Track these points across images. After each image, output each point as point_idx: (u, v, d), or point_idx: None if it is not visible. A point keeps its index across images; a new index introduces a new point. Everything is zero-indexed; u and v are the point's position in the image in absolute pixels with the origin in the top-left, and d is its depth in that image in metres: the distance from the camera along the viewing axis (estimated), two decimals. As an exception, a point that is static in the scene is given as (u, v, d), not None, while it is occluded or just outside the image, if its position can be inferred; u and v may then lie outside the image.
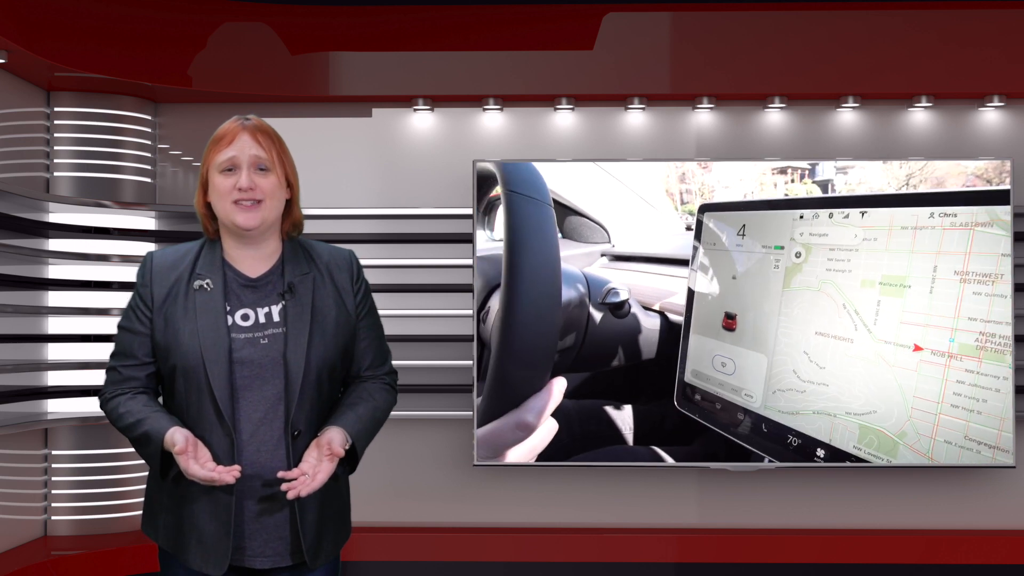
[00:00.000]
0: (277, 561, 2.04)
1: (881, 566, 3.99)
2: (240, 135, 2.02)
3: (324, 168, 4.15)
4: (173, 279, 2.05)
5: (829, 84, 4.02)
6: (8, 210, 3.65)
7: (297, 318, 2.04)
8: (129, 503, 4.06)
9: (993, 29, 3.99)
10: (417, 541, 4.02)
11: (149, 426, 1.98)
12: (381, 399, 2.16)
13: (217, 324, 2.00)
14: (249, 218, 2.01)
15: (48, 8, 3.64)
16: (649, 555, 4.00)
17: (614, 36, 4.03)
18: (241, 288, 2.06)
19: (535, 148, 4.14)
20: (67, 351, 3.97)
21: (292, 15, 4.05)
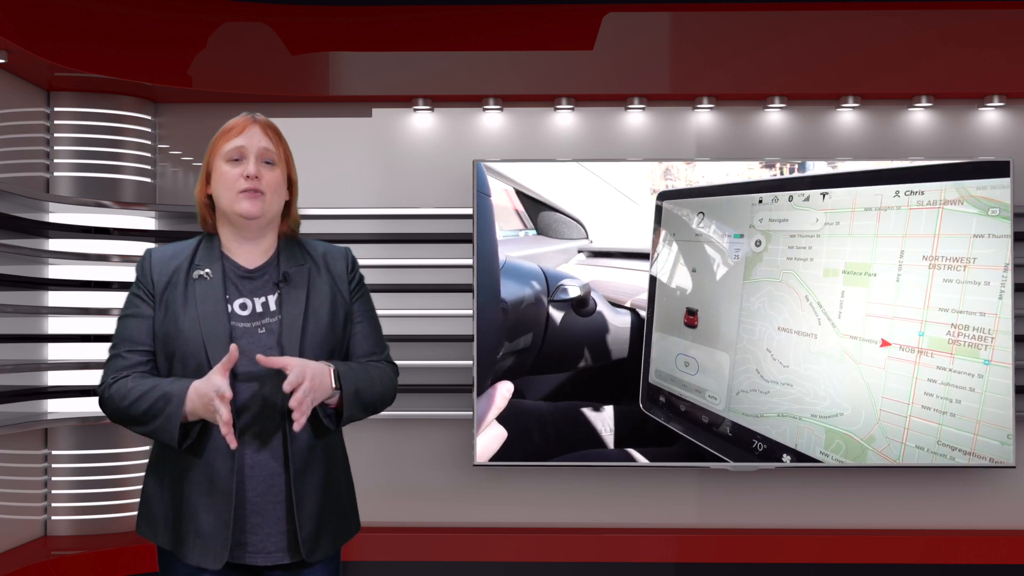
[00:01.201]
0: (278, 558, 2.03)
1: (881, 566, 3.99)
2: (250, 127, 2.06)
3: (324, 168, 4.15)
4: (172, 269, 2.07)
5: (829, 84, 4.02)
6: (8, 210, 3.65)
7: (292, 305, 2.06)
8: (129, 503, 4.06)
9: (993, 29, 3.99)
10: (417, 541, 4.02)
11: (167, 387, 1.96)
12: (376, 369, 2.13)
13: (217, 311, 2.02)
14: (252, 206, 2.03)
15: (48, 8, 3.64)
16: (649, 555, 4.00)
17: (614, 36, 4.03)
18: (239, 278, 2.08)
19: (535, 148, 4.14)
20: (67, 351, 3.97)
21: (292, 15, 4.05)
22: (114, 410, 2.04)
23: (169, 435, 1.97)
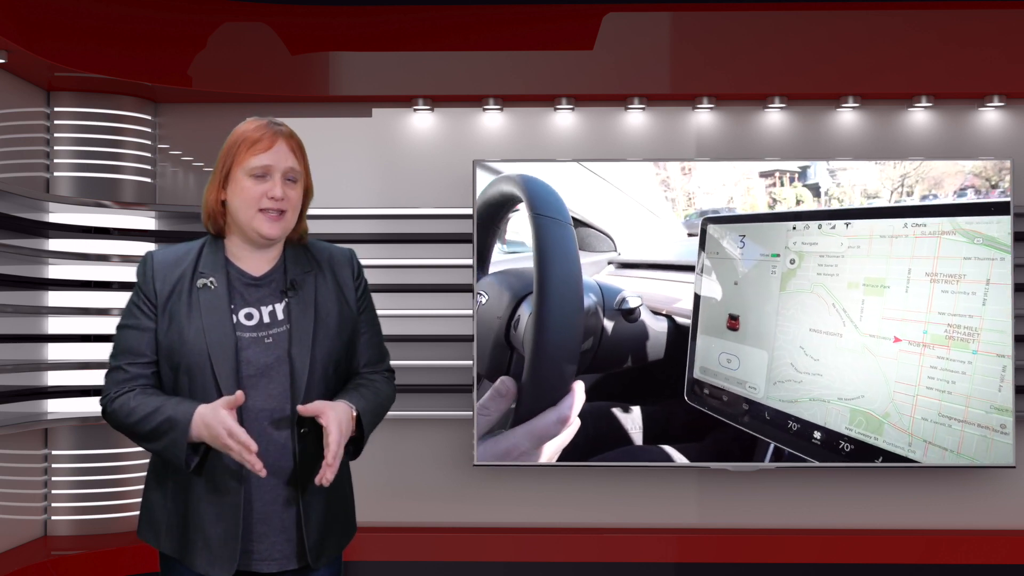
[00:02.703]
0: (284, 564, 2.02)
1: (881, 566, 3.99)
2: (277, 143, 2.01)
3: (324, 168, 4.15)
4: (176, 277, 2.03)
5: (829, 84, 4.02)
6: (8, 210, 3.65)
7: (301, 315, 2.03)
8: (129, 503, 4.06)
9: (993, 29, 3.99)
10: (417, 541, 4.02)
11: (172, 410, 1.93)
12: (382, 388, 2.15)
13: (223, 322, 1.99)
14: (274, 228, 2.01)
15: (48, 8, 3.64)
16: (649, 555, 4.00)
17: (614, 36, 4.03)
18: (245, 286, 2.05)
19: (535, 148, 4.14)
20: (67, 351, 3.97)
21: (292, 15, 4.05)
22: (118, 425, 2.01)
23: (176, 459, 1.94)
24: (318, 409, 1.94)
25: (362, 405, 2.03)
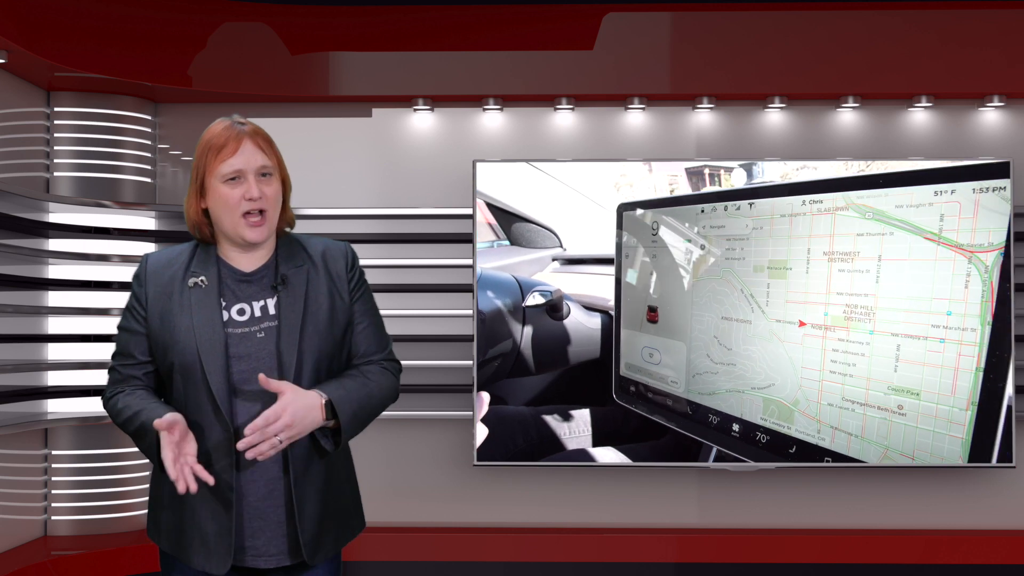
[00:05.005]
0: (280, 560, 2.04)
1: (881, 566, 3.99)
2: (244, 143, 2.01)
3: (324, 168, 4.15)
4: (167, 277, 2.05)
5: (829, 84, 4.02)
6: (8, 210, 3.65)
7: (290, 309, 2.04)
8: (129, 503, 4.06)
9: (993, 29, 3.99)
10: (417, 541, 4.02)
11: (145, 417, 1.97)
12: (375, 378, 2.11)
13: (212, 320, 2.01)
14: (258, 232, 2.02)
15: (48, 8, 3.64)
16: (649, 555, 4.00)
17: (614, 36, 4.03)
18: (236, 283, 2.06)
19: (535, 148, 4.15)
20: (67, 351, 3.97)
21: (292, 15, 4.05)
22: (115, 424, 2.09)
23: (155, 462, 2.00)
24: (279, 387, 1.93)
25: (339, 394, 2.01)
